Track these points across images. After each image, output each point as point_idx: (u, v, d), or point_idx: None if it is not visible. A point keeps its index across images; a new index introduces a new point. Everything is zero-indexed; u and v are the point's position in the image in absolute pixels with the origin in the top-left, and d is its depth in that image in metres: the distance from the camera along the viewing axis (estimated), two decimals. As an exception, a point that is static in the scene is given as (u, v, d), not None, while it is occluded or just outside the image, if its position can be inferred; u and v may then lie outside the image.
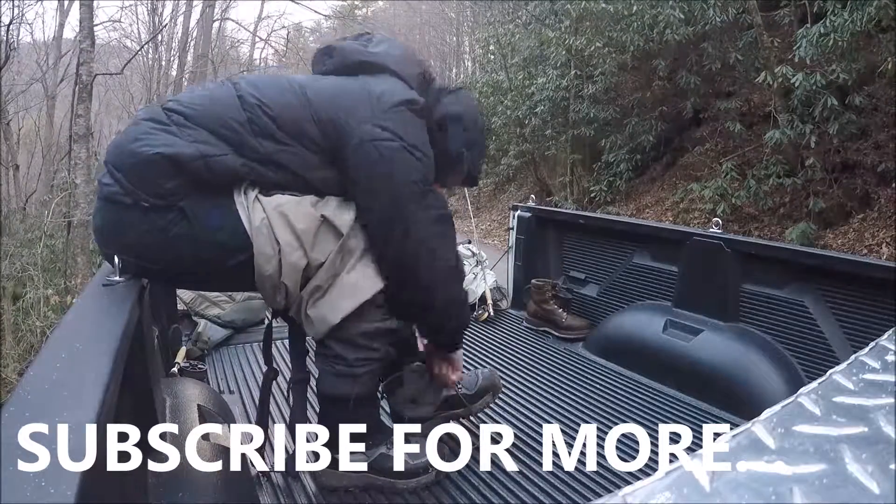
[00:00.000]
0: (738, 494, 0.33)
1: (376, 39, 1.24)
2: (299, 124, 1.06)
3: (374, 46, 1.20)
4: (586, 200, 8.54)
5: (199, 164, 1.00)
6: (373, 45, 1.21)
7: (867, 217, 5.44)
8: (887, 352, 0.56)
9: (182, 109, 1.04)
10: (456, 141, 1.24)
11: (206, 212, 1.03)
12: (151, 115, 1.06)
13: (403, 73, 1.17)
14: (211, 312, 2.20)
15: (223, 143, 1.02)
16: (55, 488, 0.41)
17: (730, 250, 1.75)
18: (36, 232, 6.96)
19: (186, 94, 1.12)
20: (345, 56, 1.19)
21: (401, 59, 1.19)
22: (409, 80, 1.18)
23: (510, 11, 11.97)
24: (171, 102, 1.07)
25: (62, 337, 0.72)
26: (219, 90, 1.11)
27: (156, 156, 0.99)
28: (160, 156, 0.98)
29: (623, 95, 8.27)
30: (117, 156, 1.03)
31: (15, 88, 9.89)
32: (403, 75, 1.17)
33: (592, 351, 2.09)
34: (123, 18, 14.66)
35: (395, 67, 1.17)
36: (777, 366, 1.60)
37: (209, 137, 1.02)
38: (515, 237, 2.59)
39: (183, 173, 1.00)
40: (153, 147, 0.99)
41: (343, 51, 1.20)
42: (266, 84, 1.11)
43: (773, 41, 5.89)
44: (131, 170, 1.00)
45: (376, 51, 1.19)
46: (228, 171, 1.02)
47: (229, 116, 1.04)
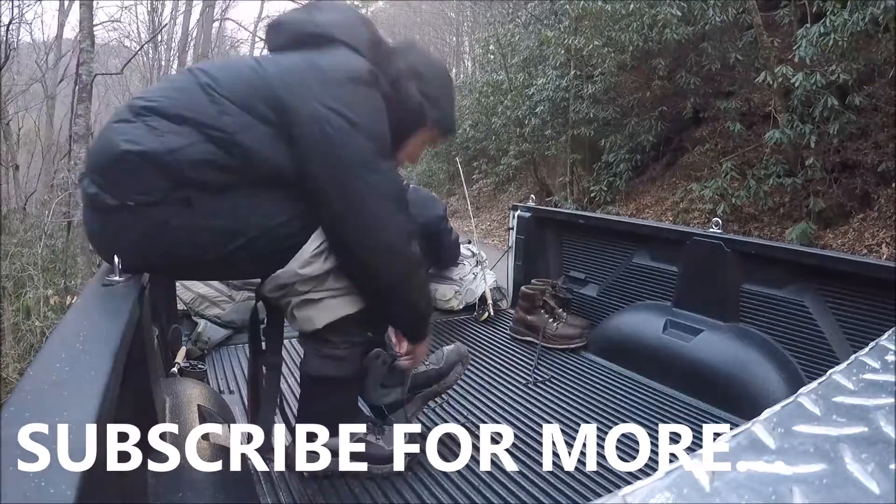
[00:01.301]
0: (738, 494, 0.33)
1: (324, 7, 1.21)
2: (252, 101, 1.05)
3: (321, 15, 1.18)
4: (586, 200, 8.53)
5: (168, 159, 0.99)
6: (318, 13, 1.19)
7: (867, 217, 5.44)
8: (887, 352, 0.57)
9: (147, 104, 1.04)
10: (412, 97, 1.22)
11: (207, 200, 1.03)
12: (119, 116, 1.06)
13: (352, 40, 1.15)
14: (211, 312, 2.20)
15: (189, 129, 1.02)
16: (55, 488, 0.41)
17: (730, 250, 1.75)
18: (36, 232, 6.96)
19: (150, 89, 1.14)
20: (292, 30, 1.18)
21: (347, 26, 1.17)
22: (359, 46, 1.15)
23: (510, 11, 11.97)
24: (136, 99, 1.07)
25: (62, 337, 0.72)
26: (178, 78, 1.14)
27: (123, 153, 0.99)
28: (127, 152, 0.99)
29: (623, 95, 8.26)
30: (94, 159, 1.04)
31: (15, 88, 9.89)
32: (352, 42, 1.15)
33: (592, 351, 2.10)
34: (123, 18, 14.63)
35: (343, 37, 1.14)
36: (777, 366, 1.60)
37: (175, 127, 1.01)
38: (515, 237, 2.59)
39: (158, 169, 1.00)
40: (118, 144, 0.99)
41: (290, 23, 1.19)
42: (221, 66, 1.12)
43: (773, 41, 5.89)
44: (106, 170, 1.01)
45: (322, 20, 1.17)
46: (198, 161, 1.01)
47: (190, 100, 1.04)
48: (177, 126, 1.01)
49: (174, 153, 0.99)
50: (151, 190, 1.00)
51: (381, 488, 1.25)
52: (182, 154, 1.00)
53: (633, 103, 8.00)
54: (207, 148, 1.02)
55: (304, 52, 1.13)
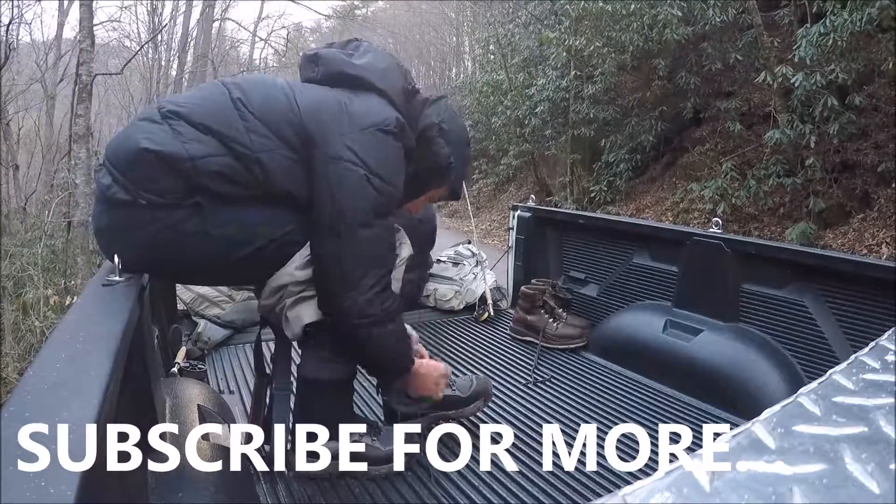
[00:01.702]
0: (738, 494, 0.33)
1: (362, 49, 1.23)
2: (281, 126, 1.07)
3: (359, 58, 1.20)
4: (586, 200, 8.53)
5: (188, 165, 1.01)
6: (358, 55, 1.21)
7: (867, 217, 5.44)
8: (887, 352, 0.57)
9: (175, 108, 1.06)
10: (440, 155, 1.24)
11: (217, 209, 1.04)
12: (146, 115, 1.08)
13: (387, 87, 1.17)
14: (211, 312, 2.20)
15: (213, 140, 1.03)
16: (55, 488, 0.41)
17: (730, 250, 1.75)
18: (36, 232, 6.96)
19: (181, 94, 1.18)
20: (329, 66, 1.19)
21: (384, 73, 1.19)
22: (393, 94, 1.18)
23: (510, 11, 11.96)
24: (165, 102, 1.09)
25: (62, 337, 0.72)
26: (209, 89, 1.14)
27: (142, 151, 1.00)
28: (146, 150, 1.00)
29: (623, 95, 8.27)
30: (113, 152, 1.06)
31: (15, 88, 9.88)
32: (387, 90, 1.17)
33: (592, 351, 2.10)
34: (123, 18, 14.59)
35: (379, 84, 1.17)
36: (777, 366, 1.60)
37: (200, 136, 1.03)
38: (515, 237, 2.59)
39: (175, 173, 1.01)
40: (139, 141, 1.01)
41: (328, 60, 1.20)
42: (253, 84, 1.13)
43: (773, 41, 5.90)
44: (124, 165, 1.02)
45: (360, 63, 1.19)
46: (216, 172, 1.03)
47: (220, 112, 1.06)
48: (201, 134, 1.03)
49: (194, 161, 1.01)
50: (164, 192, 1.01)
51: (381, 488, 1.25)
52: (202, 163, 1.02)
53: (633, 103, 8.00)
54: (227, 161, 1.03)
55: (337, 91, 1.15)
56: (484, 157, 12.08)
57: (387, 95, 1.17)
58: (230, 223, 1.06)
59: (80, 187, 5.66)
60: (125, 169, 1.02)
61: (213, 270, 1.16)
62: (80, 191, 5.67)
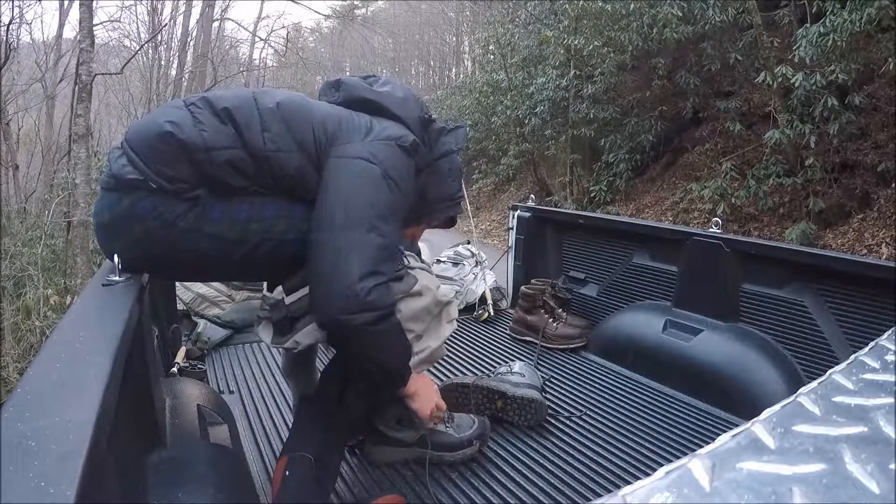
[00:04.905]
0: (738, 494, 0.33)
1: (381, 80, 1.30)
2: (302, 127, 1.10)
3: (379, 87, 1.26)
4: (586, 200, 8.53)
5: (202, 156, 1.02)
6: (378, 85, 1.27)
7: (867, 217, 5.44)
8: (887, 352, 0.56)
9: (200, 97, 1.10)
10: (451, 183, 1.31)
11: (211, 204, 1.04)
12: (171, 104, 1.11)
13: (404, 115, 1.22)
14: (210, 312, 2.20)
15: (231, 131, 1.05)
16: (55, 488, 0.41)
17: (729, 250, 1.75)
18: (36, 232, 6.97)
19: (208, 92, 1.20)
20: (350, 91, 1.25)
21: (402, 102, 1.24)
22: (410, 121, 1.22)
23: (510, 11, 11.97)
24: (192, 96, 1.12)
25: (62, 337, 0.72)
26: (237, 89, 1.21)
27: (165, 134, 1.02)
28: (168, 133, 1.02)
29: (622, 95, 8.26)
30: (134, 134, 1.07)
31: (15, 88, 9.88)
32: (403, 117, 1.22)
33: (592, 351, 2.10)
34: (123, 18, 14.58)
35: (398, 111, 1.22)
36: (777, 366, 1.60)
37: (218, 124, 1.05)
38: (515, 237, 2.59)
39: (188, 161, 1.02)
40: (163, 125, 1.03)
41: (349, 86, 1.26)
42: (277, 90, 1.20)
43: (773, 41, 5.89)
44: (144, 146, 1.03)
45: (380, 91, 1.24)
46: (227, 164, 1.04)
47: (243, 104, 1.09)
48: (219, 123, 1.05)
49: (209, 151, 1.03)
50: (174, 179, 1.02)
51: (382, 488, 1.26)
52: (216, 154, 1.03)
53: (632, 103, 8.00)
54: (240, 154, 1.05)
55: (357, 113, 1.20)
56: (484, 156, 12.08)
57: (403, 122, 1.21)
58: (223, 221, 1.06)
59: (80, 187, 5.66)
60: (144, 149, 1.03)
61: (211, 269, 1.17)
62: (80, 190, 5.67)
